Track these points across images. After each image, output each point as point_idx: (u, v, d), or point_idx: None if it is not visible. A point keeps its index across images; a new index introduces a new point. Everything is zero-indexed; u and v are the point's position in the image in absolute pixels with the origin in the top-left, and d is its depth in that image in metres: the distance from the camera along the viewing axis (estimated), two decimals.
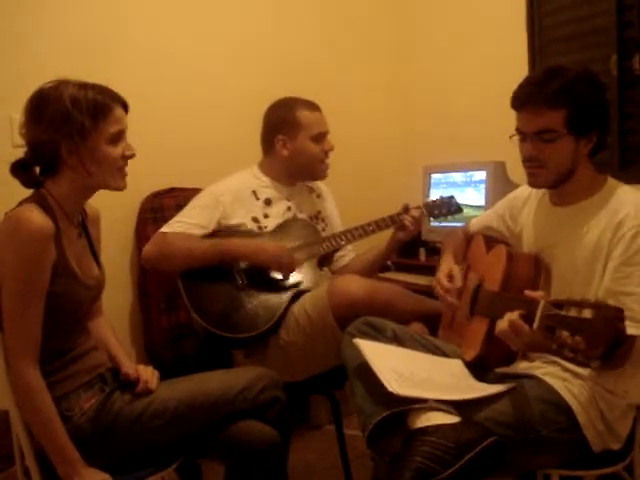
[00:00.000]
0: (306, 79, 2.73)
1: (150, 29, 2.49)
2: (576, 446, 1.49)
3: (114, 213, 1.90)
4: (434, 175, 2.76)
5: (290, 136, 2.20)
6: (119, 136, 1.52)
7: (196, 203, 2.16)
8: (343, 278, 2.04)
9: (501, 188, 2.33)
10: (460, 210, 2.28)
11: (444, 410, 1.42)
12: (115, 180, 1.54)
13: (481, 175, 2.53)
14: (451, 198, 2.29)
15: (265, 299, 2.06)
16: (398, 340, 1.71)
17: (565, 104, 1.51)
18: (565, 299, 1.25)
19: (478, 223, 1.96)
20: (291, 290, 2.08)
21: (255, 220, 2.17)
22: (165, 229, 2.10)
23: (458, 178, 2.65)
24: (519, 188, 1.84)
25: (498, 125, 1.68)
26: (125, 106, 1.54)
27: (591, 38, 2.38)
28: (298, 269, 2.12)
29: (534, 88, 1.54)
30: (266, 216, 2.19)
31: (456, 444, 1.33)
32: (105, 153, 1.49)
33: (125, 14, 2.43)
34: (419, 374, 1.55)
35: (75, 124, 1.44)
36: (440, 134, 2.99)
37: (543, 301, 1.28)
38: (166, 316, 2.42)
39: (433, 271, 1.93)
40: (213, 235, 2.12)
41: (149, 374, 1.64)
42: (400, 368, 1.53)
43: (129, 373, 1.62)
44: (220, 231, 2.13)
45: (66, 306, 1.51)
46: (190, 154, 2.57)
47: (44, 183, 1.52)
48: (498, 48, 2.71)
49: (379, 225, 2.21)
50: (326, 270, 2.28)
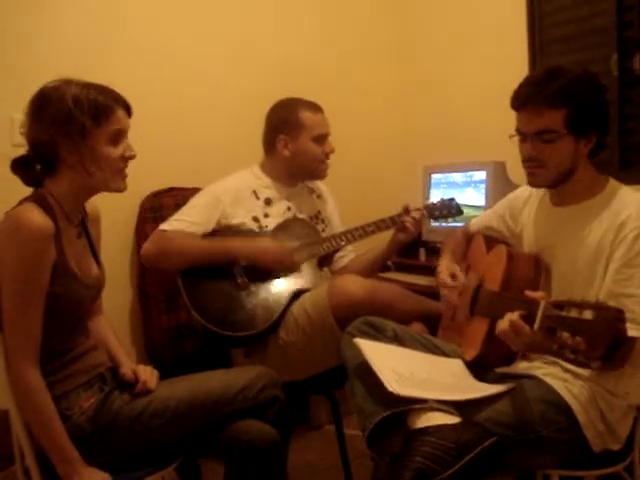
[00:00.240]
0: (306, 79, 2.73)
1: (150, 29, 2.49)
2: (576, 446, 1.49)
3: (114, 213, 1.90)
4: (434, 175, 2.77)
5: (292, 136, 2.20)
6: (119, 136, 1.51)
7: (196, 202, 2.16)
8: (343, 278, 2.04)
9: (501, 188, 2.33)
10: (461, 212, 2.29)
11: (444, 410, 1.42)
12: (115, 182, 1.54)
13: (481, 175, 2.53)
14: (452, 200, 2.29)
15: (265, 298, 2.06)
16: (398, 340, 1.71)
17: (565, 104, 1.51)
18: (565, 300, 1.25)
19: (478, 223, 1.96)
20: (291, 290, 2.08)
21: (255, 220, 2.17)
22: (164, 227, 2.10)
23: (458, 178, 2.65)
24: (519, 188, 1.84)
25: (498, 125, 1.68)
26: (127, 107, 1.54)
27: (591, 38, 2.38)
28: (298, 269, 2.12)
29: (534, 88, 1.54)
30: (266, 216, 2.19)
31: (456, 444, 1.33)
32: (105, 153, 1.49)
33: (125, 14, 2.43)
34: (419, 374, 1.54)
35: (76, 124, 1.44)
36: (440, 134, 2.99)
37: (544, 302, 1.28)
38: (166, 316, 2.41)
39: (433, 271, 1.93)
40: (213, 234, 2.12)
41: (148, 374, 1.63)
42: (400, 368, 1.53)
43: (126, 375, 1.62)
44: (220, 230, 2.13)
45: (66, 306, 1.51)
46: (190, 154, 2.57)
47: (44, 182, 1.52)
48: (498, 48, 2.71)
49: (379, 226, 2.21)
50: (326, 270, 2.28)
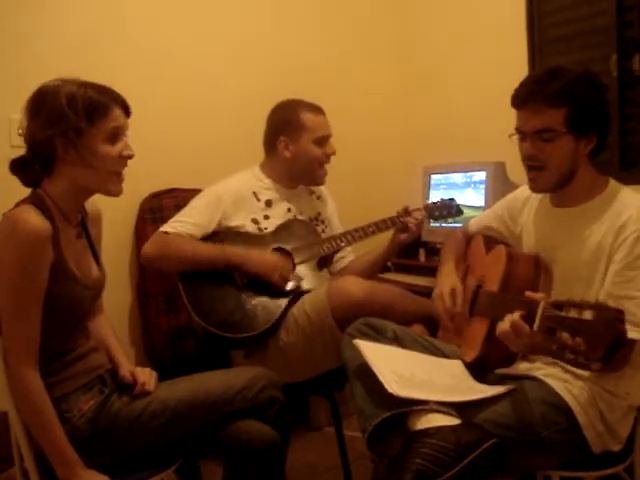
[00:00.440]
0: (306, 79, 2.73)
1: (150, 29, 2.49)
2: (576, 447, 1.48)
3: (113, 214, 1.89)
4: (434, 176, 2.76)
5: (293, 138, 2.20)
6: (117, 135, 1.50)
7: (197, 203, 2.15)
8: (343, 279, 2.03)
9: (501, 188, 2.33)
10: (460, 212, 2.28)
11: (444, 412, 1.42)
12: (111, 183, 1.52)
13: (481, 176, 2.53)
14: (451, 200, 2.29)
15: (264, 300, 2.05)
16: (398, 341, 1.71)
17: (565, 103, 1.51)
18: (565, 300, 1.25)
19: (477, 223, 1.95)
20: (291, 291, 2.08)
21: (255, 221, 2.17)
22: (165, 228, 2.09)
23: (458, 179, 2.65)
24: (519, 189, 1.84)
25: (498, 125, 1.68)
26: (126, 107, 1.53)
27: (591, 38, 2.38)
28: (298, 269, 2.12)
29: (535, 87, 1.54)
30: (266, 217, 2.18)
31: (456, 446, 1.33)
32: (102, 152, 1.48)
33: (125, 14, 2.43)
34: (419, 375, 1.54)
35: (70, 122, 1.43)
36: (440, 134, 2.99)
37: (543, 302, 1.28)
38: (165, 317, 2.41)
39: (433, 272, 1.92)
40: (213, 235, 2.12)
41: (146, 376, 1.63)
42: (400, 369, 1.53)
43: (125, 377, 1.62)
44: (220, 232, 2.13)
45: (65, 307, 1.50)
46: (190, 154, 2.56)
47: (42, 184, 1.51)
48: (498, 48, 2.71)
49: (379, 227, 2.20)
50: (325, 271, 2.27)
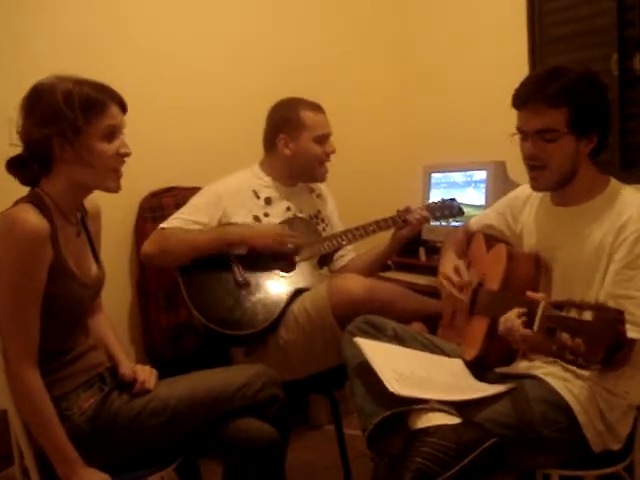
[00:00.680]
0: (306, 79, 2.73)
1: (150, 29, 2.49)
2: (576, 446, 1.48)
3: (113, 212, 1.90)
4: (434, 175, 2.76)
5: (293, 136, 2.20)
6: (114, 133, 1.50)
7: (197, 201, 2.15)
8: (343, 277, 2.03)
9: (501, 188, 2.33)
10: (462, 212, 2.29)
11: (445, 411, 1.42)
12: (109, 180, 1.52)
13: (481, 175, 2.53)
14: (453, 200, 2.29)
15: (265, 297, 2.05)
16: (398, 339, 1.71)
17: (566, 103, 1.51)
18: (565, 300, 1.25)
19: (478, 222, 1.95)
20: (291, 289, 2.08)
21: (256, 219, 2.16)
22: (164, 225, 2.09)
23: (458, 178, 2.65)
24: (519, 187, 1.84)
25: (498, 125, 1.68)
26: (122, 105, 1.52)
27: (591, 38, 2.38)
28: (298, 268, 2.12)
29: (536, 87, 1.54)
30: (266, 215, 2.18)
31: (457, 445, 1.33)
32: (98, 150, 1.47)
33: (125, 14, 2.43)
34: (419, 374, 1.54)
35: (66, 119, 1.42)
36: (440, 134, 2.99)
37: (544, 302, 1.28)
38: (165, 315, 2.41)
39: (433, 271, 1.92)
40: None
41: (146, 374, 1.63)
42: (401, 367, 1.53)
43: (125, 374, 1.62)
44: None
45: (65, 306, 1.50)
46: (189, 153, 2.56)
47: (40, 182, 1.50)
48: (498, 48, 2.71)
49: (380, 225, 2.20)
50: (326, 270, 2.27)
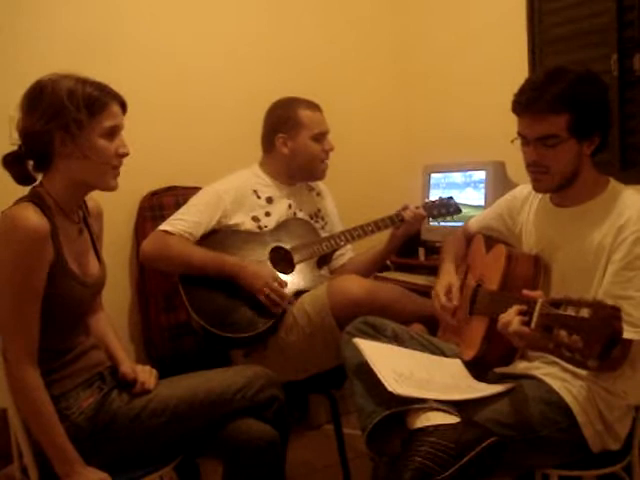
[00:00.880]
0: (306, 79, 2.73)
1: (149, 28, 2.49)
2: (575, 446, 1.49)
3: (113, 212, 1.89)
4: (434, 175, 2.76)
5: (291, 135, 2.20)
6: (113, 132, 1.50)
7: (197, 201, 2.15)
8: (343, 278, 2.04)
9: (501, 188, 2.33)
10: (459, 211, 2.29)
11: (444, 410, 1.42)
12: (108, 177, 1.52)
13: (481, 175, 2.53)
14: (450, 199, 2.29)
15: None
16: (398, 340, 1.71)
17: (567, 108, 1.49)
18: (562, 297, 1.25)
19: (477, 222, 1.95)
20: (290, 290, 2.07)
21: (255, 219, 2.17)
22: (166, 227, 2.08)
23: (458, 178, 2.65)
24: (518, 187, 1.83)
25: (498, 125, 1.68)
26: (123, 105, 1.53)
27: (591, 38, 2.37)
28: (297, 269, 2.12)
29: (535, 93, 1.51)
30: (268, 214, 2.19)
31: (456, 444, 1.33)
32: (98, 148, 1.48)
33: (125, 13, 2.43)
34: (419, 374, 1.54)
35: (69, 116, 1.43)
36: (440, 134, 2.99)
37: (541, 300, 1.28)
38: (165, 315, 2.41)
39: (432, 271, 1.92)
40: (212, 234, 2.11)
41: (147, 374, 1.63)
42: (400, 368, 1.53)
43: (126, 373, 1.62)
44: (219, 230, 2.12)
45: (65, 305, 1.50)
46: (189, 153, 2.57)
47: (40, 181, 1.51)
48: (498, 48, 2.71)
49: (378, 225, 2.20)
50: (325, 270, 2.27)
